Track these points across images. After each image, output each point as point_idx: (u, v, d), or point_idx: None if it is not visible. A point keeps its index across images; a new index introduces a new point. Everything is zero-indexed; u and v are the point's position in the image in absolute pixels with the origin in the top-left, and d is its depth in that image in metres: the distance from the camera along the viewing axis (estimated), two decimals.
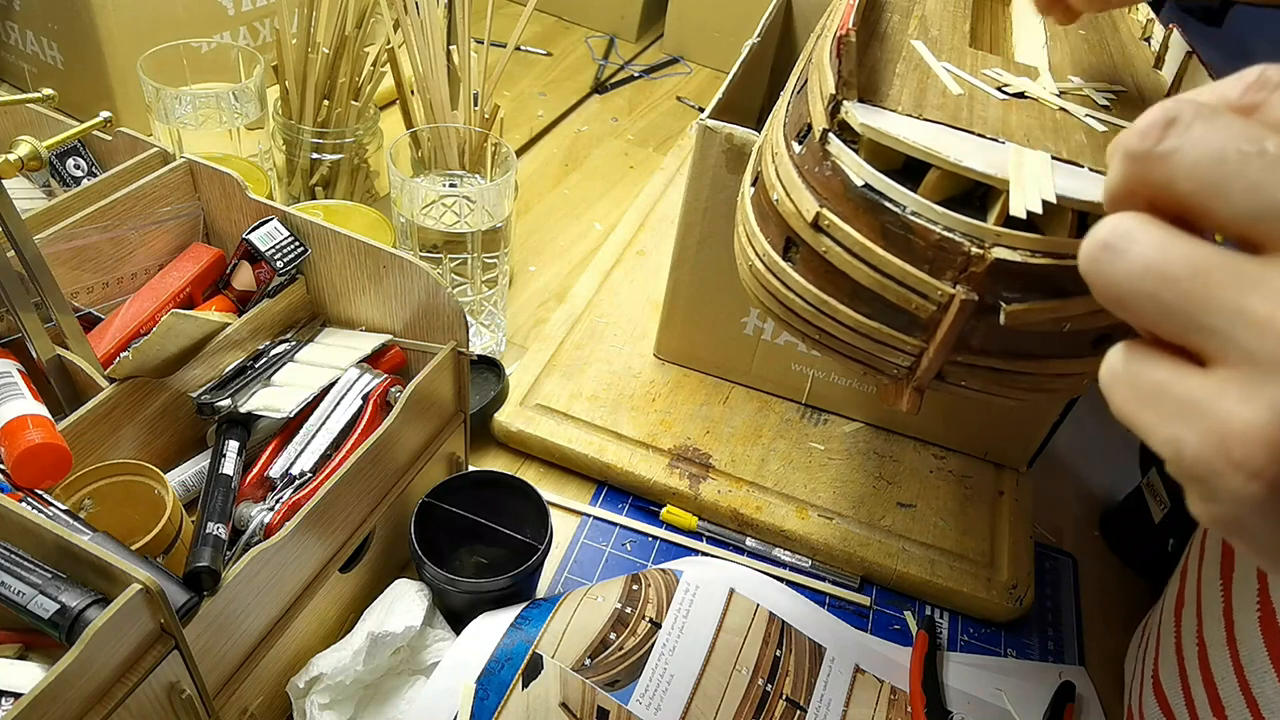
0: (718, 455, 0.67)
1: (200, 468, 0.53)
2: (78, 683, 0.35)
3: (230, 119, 0.73)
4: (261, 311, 0.55)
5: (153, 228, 0.57)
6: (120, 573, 0.36)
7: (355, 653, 0.48)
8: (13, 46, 0.88)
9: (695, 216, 0.63)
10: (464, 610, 0.52)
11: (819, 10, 0.82)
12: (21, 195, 0.59)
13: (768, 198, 0.40)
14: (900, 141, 0.34)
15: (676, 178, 0.95)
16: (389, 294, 0.56)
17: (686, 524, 0.64)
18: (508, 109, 1.04)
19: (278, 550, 0.44)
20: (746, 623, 0.55)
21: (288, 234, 0.55)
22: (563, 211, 0.93)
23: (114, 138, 0.61)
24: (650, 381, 0.72)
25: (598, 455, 0.66)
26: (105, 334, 0.53)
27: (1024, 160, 0.34)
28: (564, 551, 0.62)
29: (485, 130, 0.72)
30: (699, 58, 1.21)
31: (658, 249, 0.85)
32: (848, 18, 0.36)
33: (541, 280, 0.84)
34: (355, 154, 0.79)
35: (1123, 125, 0.38)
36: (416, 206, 0.66)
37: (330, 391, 0.53)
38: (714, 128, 0.58)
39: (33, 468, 0.43)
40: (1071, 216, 0.33)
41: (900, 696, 0.56)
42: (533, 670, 0.49)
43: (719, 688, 0.52)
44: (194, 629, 0.40)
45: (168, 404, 0.52)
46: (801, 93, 0.41)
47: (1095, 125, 0.40)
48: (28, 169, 0.52)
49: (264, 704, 0.48)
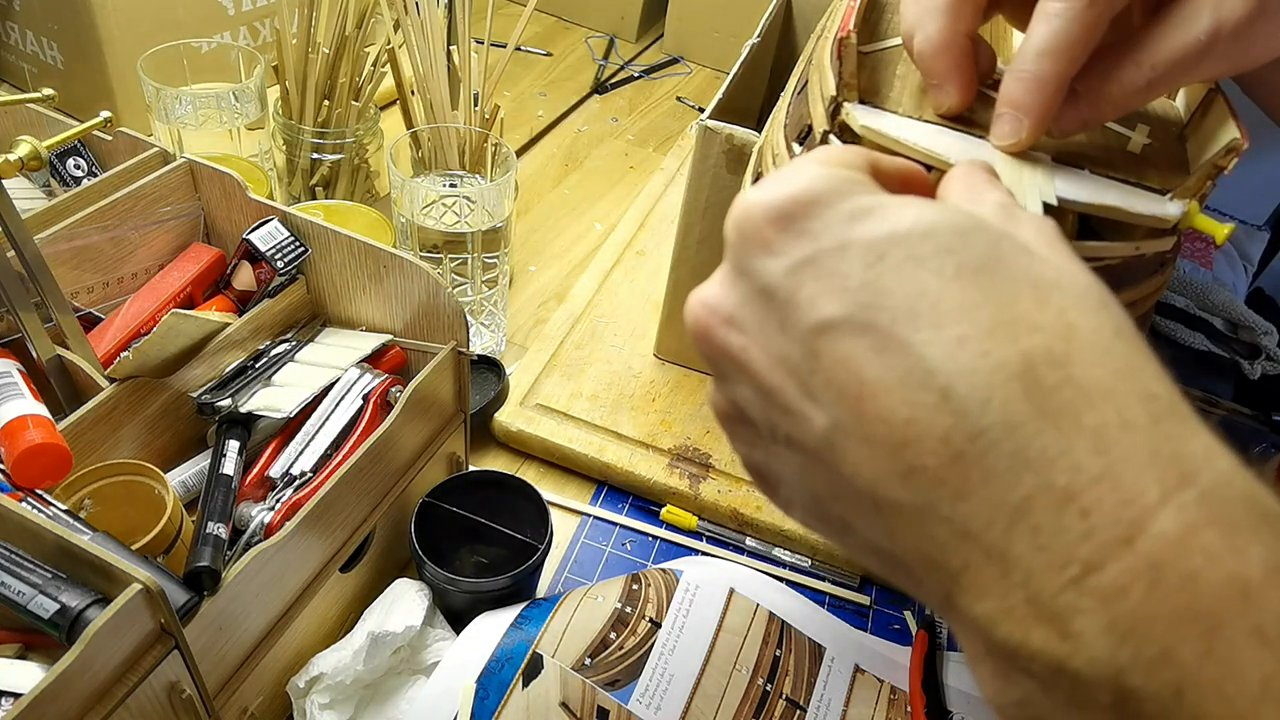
0: (718, 455, 0.67)
1: (200, 468, 0.53)
2: (78, 683, 0.35)
3: (230, 119, 0.73)
4: (261, 311, 0.55)
5: (153, 228, 0.57)
6: (120, 573, 0.36)
7: (355, 652, 0.48)
8: (13, 46, 0.88)
9: (695, 216, 0.63)
10: (464, 610, 0.52)
11: (819, 10, 0.82)
12: (21, 195, 0.59)
13: None
14: (900, 143, 0.34)
15: (676, 178, 0.95)
16: (389, 294, 0.56)
17: (686, 524, 0.64)
18: (508, 109, 1.04)
19: (278, 550, 0.44)
20: (746, 622, 0.55)
21: (288, 234, 0.55)
22: (563, 211, 0.93)
23: (114, 138, 0.61)
24: (650, 381, 0.72)
25: (598, 455, 0.66)
26: (105, 334, 0.53)
27: (1024, 162, 0.34)
28: (564, 551, 0.62)
29: (485, 130, 0.72)
30: (699, 58, 1.21)
31: (658, 249, 0.85)
32: (848, 19, 0.36)
33: (541, 280, 0.84)
34: (355, 154, 0.79)
35: (1121, 129, 0.38)
36: (416, 206, 0.66)
37: (330, 391, 0.53)
38: (714, 128, 0.58)
39: (33, 468, 0.43)
40: (1072, 219, 0.33)
41: (900, 696, 0.56)
42: (533, 670, 0.49)
43: (719, 687, 0.52)
44: (194, 629, 0.40)
45: (168, 404, 0.52)
46: (802, 94, 0.41)
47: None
48: (28, 169, 0.51)
49: (264, 704, 0.48)
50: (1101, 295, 0.24)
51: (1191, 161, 0.37)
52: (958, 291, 0.23)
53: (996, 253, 0.24)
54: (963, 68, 0.35)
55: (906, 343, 0.23)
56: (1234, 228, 0.35)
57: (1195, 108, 0.39)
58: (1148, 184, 0.35)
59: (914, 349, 0.23)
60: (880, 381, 0.23)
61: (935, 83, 0.35)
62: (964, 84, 0.35)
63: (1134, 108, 0.35)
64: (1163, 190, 0.34)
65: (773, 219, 0.25)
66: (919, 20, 0.35)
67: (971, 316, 0.23)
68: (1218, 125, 0.36)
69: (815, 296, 0.24)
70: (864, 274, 0.24)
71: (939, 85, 0.35)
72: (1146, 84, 0.33)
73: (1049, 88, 0.32)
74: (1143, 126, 0.38)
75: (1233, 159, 0.34)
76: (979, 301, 0.23)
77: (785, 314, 0.25)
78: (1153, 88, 0.33)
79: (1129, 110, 0.35)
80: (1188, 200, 0.34)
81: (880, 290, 0.24)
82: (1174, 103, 0.42)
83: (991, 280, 0.23)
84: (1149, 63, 0.33)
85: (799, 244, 0.25)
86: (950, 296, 0.23)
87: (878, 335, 0.23)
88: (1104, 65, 0.34)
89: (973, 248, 0.24)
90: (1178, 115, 0.40)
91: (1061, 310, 0.23)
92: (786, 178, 0.26)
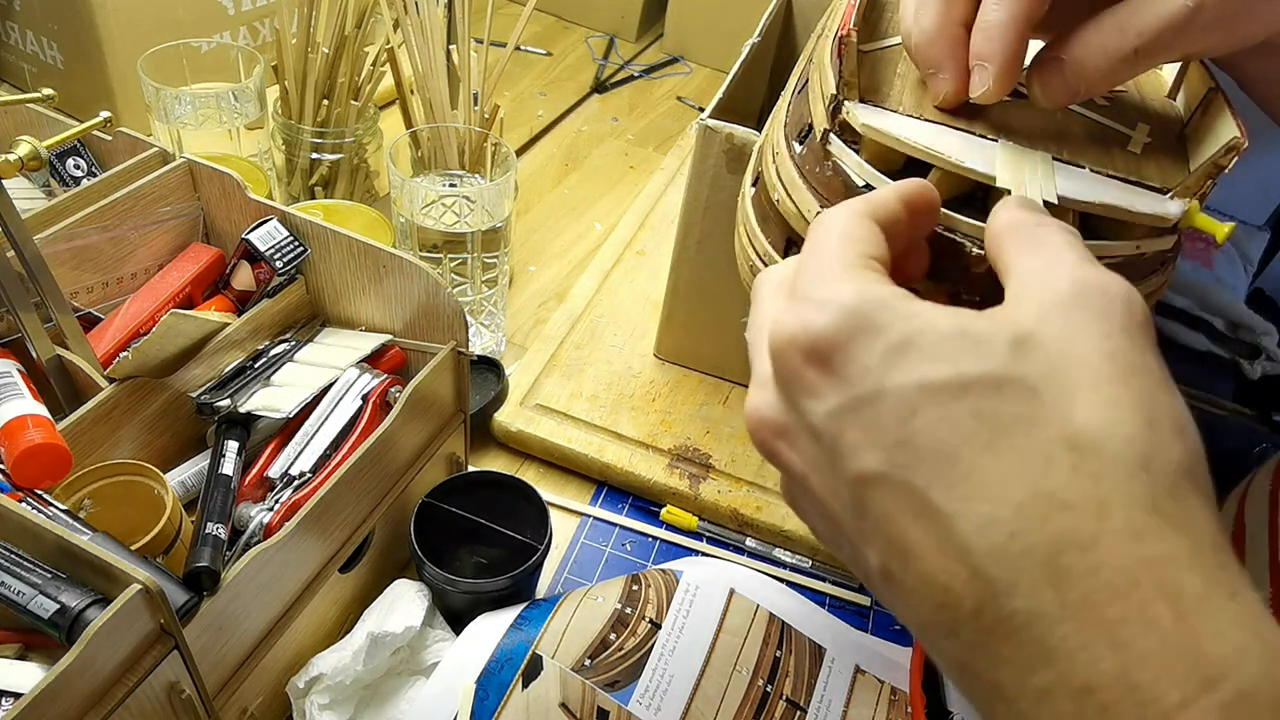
0: (718, 455, 0.67)
1: (200, 468, 0.53)
2: (78, 683, 0.35)
3: (230, 119, 0.73)
4: (261, 311, 0.55)
5: (153, 228, 0.57)
6: (120, 573, 0.36)
7: (355, 653, 0.48)
8: (13, 46, 0.88)
9: (695, 216, 0.63)
10: (464, 610, 0.52)
11: (819, 10, 0.82)
12: (21, 195, 0.59)
13: (768, 198, 0.40)
14: (901, 142, 0.34)
15: (676, 178, 0.95)
16: (389, 294, 0.56)
17: (686, 524, 0.64)
18: (508, 109, 1.04)
19: (278, 550, 0.44)
20: (747, 623, 0.55)
21: (287, 234, 0.55)
22: (563, 211, 0.93)
23: (114, 138, 0.61)
24: (650, 381, 0.72)
25: (598, 455, 0.66)
26: (105, 334, 0.53)
27: (1025, 161, 0.34)
28: (564, 552, 0.62)
29: (485, 130, 0.72)
30: (699, 58, 1.21)
31: (658, 249, 0.85)
32: (848, 18, 0.36)
33: (541, 280, 0.84)
34: (355, 154, 0.79)
35: (1121, 128, 0.38)
36: (416, 206, 0.66)
37: (330, 391, 0.53)
38: (714, 128, 0.58)
39: (33, 468, 0.43)
40: (1073, 217, 0.33)
41: (900, 697, 0.56)
42: (533, 671, 0.49)
43: (719, 688, 0.52)
44: (194, 629, 0.40)
45: (167, 404, 0.52)
46: (802, 93, 0.41)
47: (1096, 125, 0.40)
48: (28, 169, 0.51)
49: (264, 704, 0.48)
50: (1145, 449, 0.22)
51: (1192, 160, 0.37)
52: (991, 460, 0.23)
53: (1032, 411, 0.23)
54: (957, 54, 0.35)
55: (940, 512, 0.23)
56: (1234, 227, 0.35)
57: (1195, 106, 0.39)
58: (1148, 183, 0.35)
59: (947, 520, 0.23)
60: (920, 544, 0.23)
61: (931, 70, 0.35)
62: (959, 70, 0.35)
63: (1122, 79, 0.34)
64: (1163, 189, 0.34)
65: (810, 359, 0.26)
66: (914, 11, 0.35)
67: (1002, 493, 0.22)
68: (1218, 124, 0.36)
69: (857, 447, 0.25)
70: (898, 430, 0.24)
71: (934, 72, 0.35)
72: (1133, 51, 0.33)
73: (1007, 33, 0.33)
74: (1143, 125, 0.38)
75: (1233, 158, 0.34)
76: (1011, 473, 0.23)
77: (832, 457, 0.25)
78: (1140, 57, 0.33)
79: (1118, 81, 0.35)
80: (1188, 199, 0.34)
81: (915, 450, 0.23)
82: (1174, 101, 0.42)
83: (1026, 445, 0.23)
84: (1134, 30, 0.32)
85: (838, 389, 0.25)
86: (984, 466, 0.23)
87: (914, 498, 0.23)
88: (1089, 34, 0.33)
89: (1009, 404, 0.23)
90: (1178, 114, 0.40)
91: (1097, 480, 0.22)
92: (820, 299, 0.26)
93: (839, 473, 0.25)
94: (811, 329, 0.26)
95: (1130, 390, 0.23)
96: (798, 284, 0.27)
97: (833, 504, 0.26)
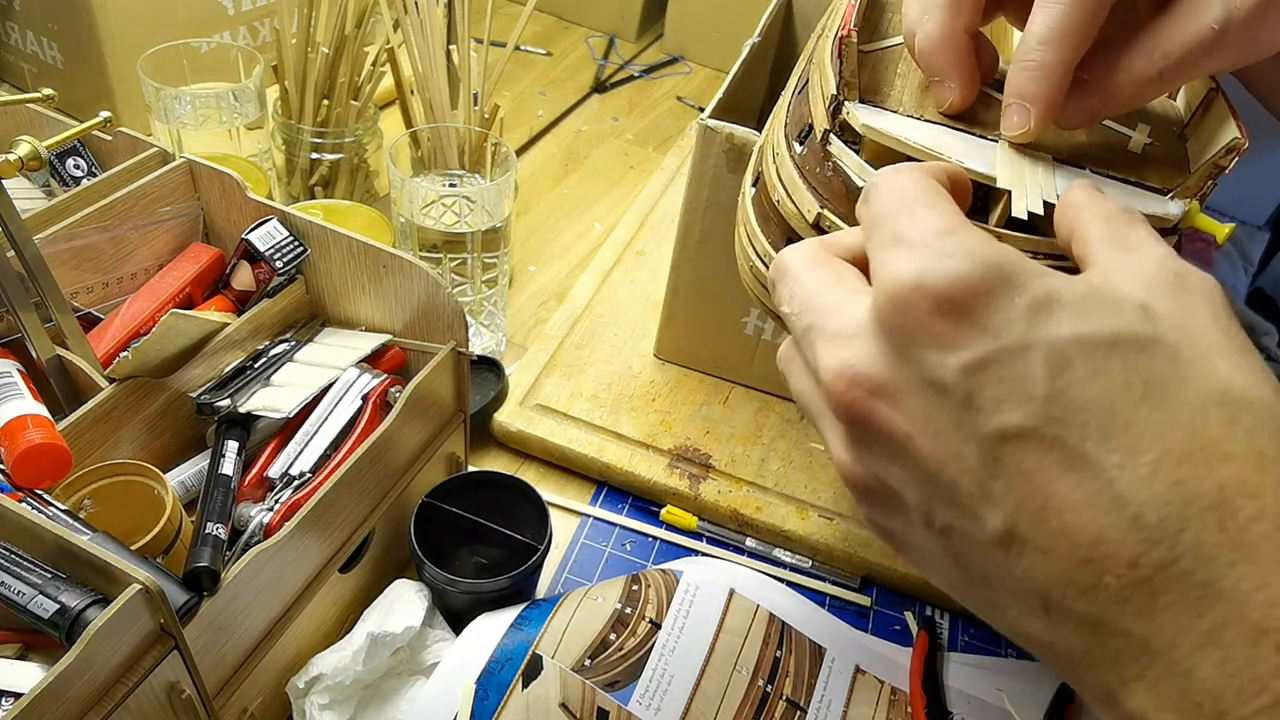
0: (718, 455, 0.67)
1: (200, 468, 0.53)
2: (78, 683, 0.35)
3: (230, 119, 0.73)
4: (261, 311, 0.55)
5: (153, 228, 0.57)
6: (120, 573, 0.36)
7: (355, 653, 0.48)
8: (13, 46, 0.88)
9: (695, 216, 0.63)
10: (464, 610, 0.52)
11: (819, 10, 0.82)
12: (21, 195, 0.59)
13: (769, 198, 0.40)
14: (901, 142, 0.34)
15: (676, 178, 0.95)
16: (389, 294, 0.56)
17: (686, 524, 0.64)
18: (508, 109, 1.04)
19: (277, 550, 0.44)
20: (747, 623, 0.55)
21: (287, 234, 0.55)
22: (563, 211, 0.93)
23: (114, 138, 0.61)
24: (650, 381, 0.72)
25: (598, 455, 0.66)
26: (105, 334, 0.53)
27: (1026, 161, 0.34)
28: (564, 552, 0.62)
29: (485, 130, 0.72)
30: (699, 58, 1.21)
31: (658, 249, 0.85)
32: (849, 18, 0.36)
33: (541, 280, 0.84)
34: (355, 154, 0.79)
35: (1122, 129, 0.38)
36: (416, 206, 0.66)
37: (330, 391, 0.53)
38: (714, 127, 0.58)
39: (33, 468, 0.43)
40: None
41: (901, 697, 0.56)
42: (533, 671, 0.49)
43: (719, 688, 0.52)
44: (194, 629, 0.40)
45: (167, 404, 0.52)
46: (802, 93, 0.41)
47: (1097, 126, 0.40)
48: (28, 169, 0.51)
49: (264, 704, 0.48)
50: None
51: (1192, 161, 0.37)
52: (1147, 413, 0.23)
53: (1179, 370, 0.23)
54: (964, 63, 0.34)
55: (1097, 464, 0.23)
56: (1234, 228, 0.35)
57: (1195, 107, 0.39)
58: (1148, 183, 0.35)
59: (1105, 471, 0.23)
60: (1067, 498, 0.23)
61: (937, 78, 0.35)
62: (966, 79, 0.35)
63: (1145, 100, 0.34)
64: (1163, 190, 0.34)
65: (945, 310, 0.24)
66: (920, 17, 0.35)
67: (1163, 442, 0.22)
68: (1218, 125, 0.36)
69: (998, 401, 0.24)
70: (1050, 383, 0.23)
71: (941, 80, 0.35)
72: (1158, 74, 0.32)
73: (1054, 75, 0.32)
74: (1143, 126, 0.38)
75: (1233, 158, 0.34)
76: (1169, 425, 0.23)
77: (961, 414, 0.24)
78: (1164, 78, 0.33)
79: (1140, 103, 0.34)
80: (1188, 200, 0.34)
81: (1068, 404, 0.23)
82: (1174, 102, 0.42)
83: (1179, 400, 0.23)
84: (1159, 52, 0.32)
85: (978, 341, 0.24)
86: (1141, 419, 0.23)
87: (1066, 451, 0.23)
88: (1113, 56, 0.33)
89: (1157, 362, 0.23)
90: (1178, 114, 0.40)
91: (1251, 434, 0.23)
92: (946, 251, 0.25)
93: (968, 431, 0.24)
94: (948, 276, 0.24)
95: (1254, 361, 0.24)
96: (899, 230, 0.26)
97: (948, 466, 0.25)
